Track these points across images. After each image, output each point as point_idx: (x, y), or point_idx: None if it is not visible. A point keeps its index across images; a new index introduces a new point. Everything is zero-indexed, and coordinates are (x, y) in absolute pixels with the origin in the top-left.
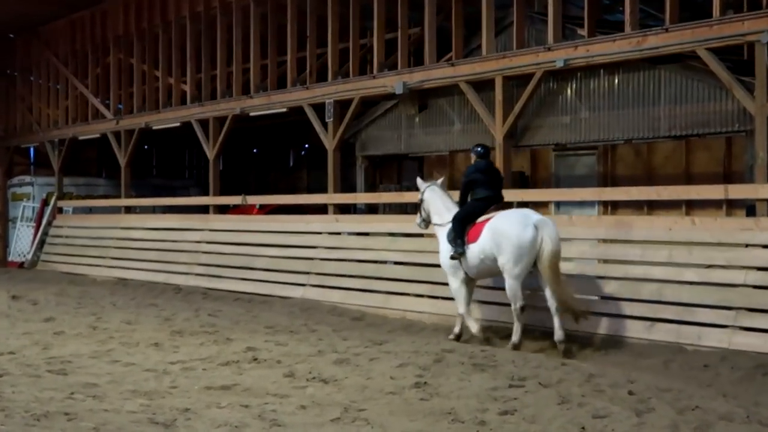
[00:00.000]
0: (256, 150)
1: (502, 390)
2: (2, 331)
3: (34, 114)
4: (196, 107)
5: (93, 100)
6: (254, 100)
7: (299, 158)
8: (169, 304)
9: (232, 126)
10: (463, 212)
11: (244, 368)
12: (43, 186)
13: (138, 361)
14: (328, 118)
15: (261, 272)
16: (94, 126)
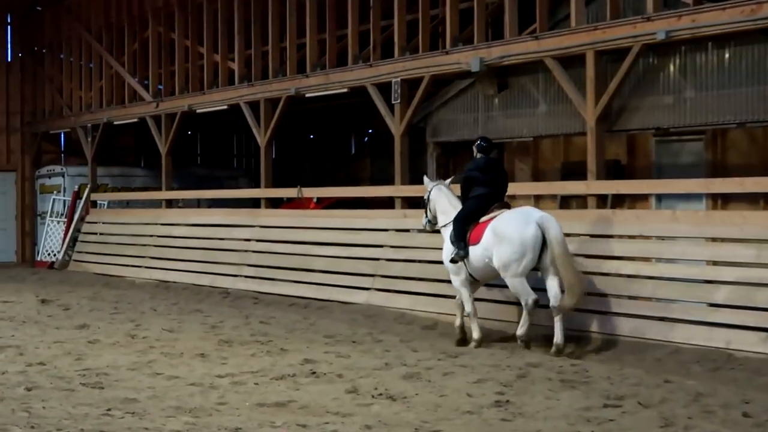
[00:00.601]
0: (313, 136)
1: (596, 410)
2: (31, 339)
3: (64, 96)
4: (245, 88)
5: (130, 80)
6: (310, 79)
7: (362, 145)
8: (215, 310)
9: (285, 109)
10: (463, 212)
11: (300, 383)
12: (75, 177)
13: (182, 373)
14: (394, 100)
15: (319, 274)
16: (131, 109)
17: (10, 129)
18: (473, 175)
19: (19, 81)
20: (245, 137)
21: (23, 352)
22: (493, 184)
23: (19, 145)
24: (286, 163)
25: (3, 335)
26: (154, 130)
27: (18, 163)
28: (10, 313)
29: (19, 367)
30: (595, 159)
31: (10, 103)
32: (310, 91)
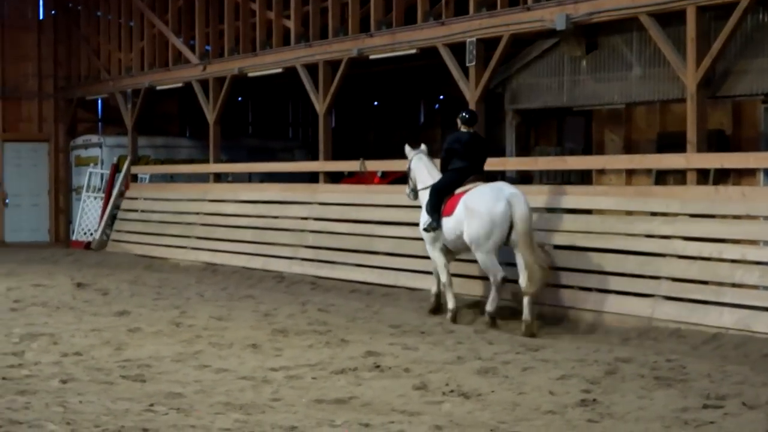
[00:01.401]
0: (377, 103)
1: (694, 411)
2: (66, 327)
3: (101, 58)
4: (302, 48)
5: (174, 40)
6: (375, 39)
7: (432, 113)
8: (268, 296)
9: (347, 72)
10: (441, 183)
11: (363, 377)
12: (114, 148)
13: (231, 366)
14: (469, 62)
15: (383, 257)
16: (176, 73)
17: (42, 95)
18: (454, 147)
19: (52, 42)
20: (302, 104)
21: (58, 341)
22: (473, 158)
23: (53, 113)
24: (347, 133)
25: (35, 322)
26: (200, 95)
27: (51, 132)
28: (43, 298)
29: (54, 357)
30: (696, 129)
31: (42, 66)
32: (375, 52)
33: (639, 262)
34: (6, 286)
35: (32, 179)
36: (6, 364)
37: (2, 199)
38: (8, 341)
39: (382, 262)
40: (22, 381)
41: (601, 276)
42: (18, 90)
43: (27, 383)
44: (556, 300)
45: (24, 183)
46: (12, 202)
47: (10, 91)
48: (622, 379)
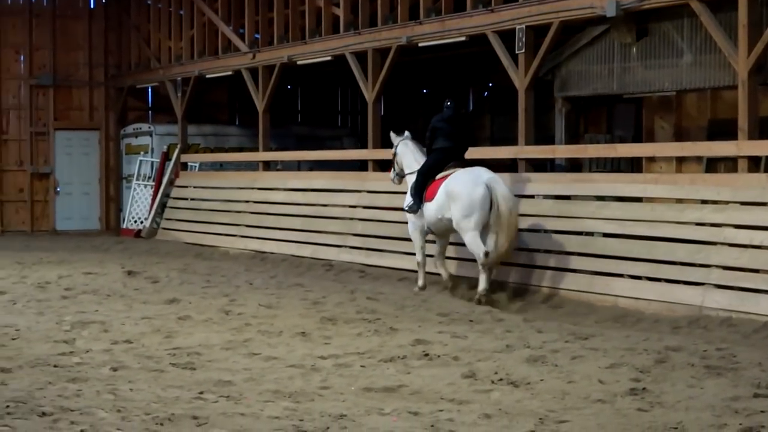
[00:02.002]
0: (426, 90)
1: (745, 401)
2: (117, 315)
3: (152, 47)
4: (351, 36)
5: (224, 28)
6: (424, 26)
7: (480, 100)
8: (317, 284)
9: (396, 59)
10: (426, 165)
11: (412, 366)
12: (164, 136)
13: (281, 354)
14: (518, 49)
15: (433, 245)
16: (225, 61)
17: (93, 83)
18: (438, 125)
19: (102, 30)
20: (351, 92)
21: (108, 329)
22: (456, 139)
23: (103, 101)
24: (396, 120)
25: (86, 310)
26: (250, 84)
27: (102, 121)
28: (94, 286)
29: (104, 345)
30: (747, 116)
31: (92, 54)
32: (424, 40)
33: (689, 250)
34: (57, 274)
35: (83, 167)
36: (57, 352)
37: (53, 187)
38: (59, 329)
39: (431, 250)
40: (74, 369)
41: (651, 264)
42: (69, 79)
43: (78, 371)
44: (606, 288)
45: (75, 171)
46: (63, 190)
47: (62, 80)
48: (672, 367)
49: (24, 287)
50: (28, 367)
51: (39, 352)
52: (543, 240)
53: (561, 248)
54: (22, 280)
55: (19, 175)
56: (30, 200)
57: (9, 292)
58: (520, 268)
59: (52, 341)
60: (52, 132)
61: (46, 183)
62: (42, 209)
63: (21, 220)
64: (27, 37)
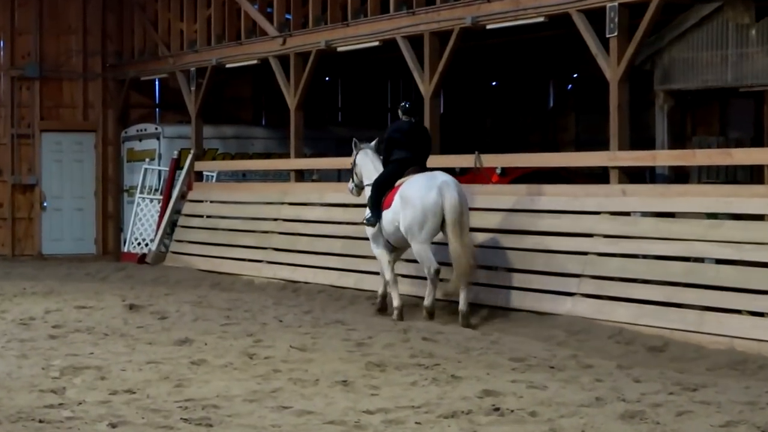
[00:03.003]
0: (496, 82)
1: None
2: (116, 359)
3: (160, 30)
4: (403, 16)
5: (247, 7)
6: (493, 4)
7: (563, 95)
8: (362, 322)
9: (458, 45)
10: (381, 176)
11: (479, 423)
12: (174, 139)
13: (317, 408)
14: (609, 33)
15: (505, 274)
16: (249, 47)
17: (88, 74)
18: (395, 136)
19: (99, 10)
20: (402, 85)
21: (106, 376)
22: (414, 148)
23: (100, 97)
24: (458, 120)
25: (79, 352)
26: (279, 75)
27: (98, 120)
28: (89, 323)
29: (101, 395)
30: None
31: (87, 39)
32: (493, 21)
33: None
34: (44, 308)
35: (75, 177)
36: (44, 404)
37: (39, 201)
38: (46, 375)
39: (503, 280)
40: (63, 424)
41: None
42: (59, 69)
43: (69, 427)
44: (720, 327)
45: (66, 182)
46: (51, 205)
47: (50, 71)
48: None
49: (3, 324)
50: (8, 422)
51: (22, 404)
52: (642, 266)
53: (664, 277)
54: (0, 315)
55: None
56: (11, 218)
57: None
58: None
59: (37, 390)
60: (38, 134)
61: (30, 196)
62: (25, 228)
63: (0, 242)
64: (8, 20)
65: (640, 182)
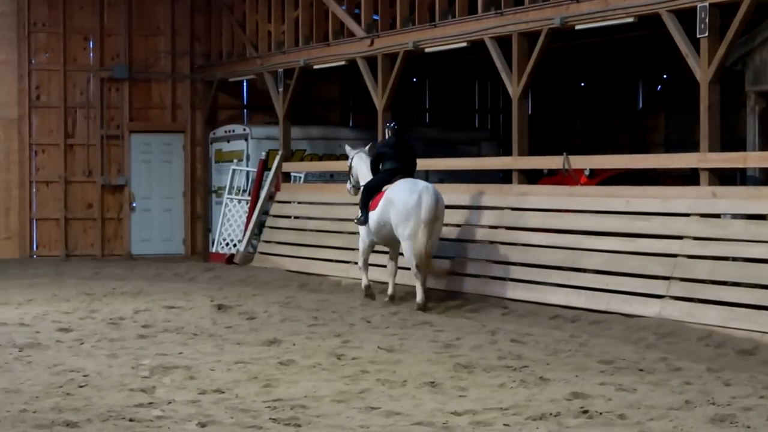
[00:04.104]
0: (585, 83)
1: None
2: (204, 359)
3: (248, 31)
4: (491, 17)
5: (335, 8)
6: (582, 5)
7: (652, 96)
8: (449, 323)
9: (547, 46)
10: (371, 182)
11: (567, 425)
12: (262, 140)
13: (405, 409)
14: (700, 33)
15: (592, 276)
16: (337, 49)
17: (176, 76)
18: (384, 151)
19: (188, 12)
20: (491, 86)
21: (194, 376)
22: (401, 160)
23: (188, 98)
24: (546, 121)
25: (168, 352)
26: (367, 76)
27: (186, 121)
28: (177, 323)
29: (190, 395)
30: None
31: (176, 41)
32: (582, 22)
33: None
34: (133, 308)
35: (164, 178)
36: (133, 403)
37: (128, 202)
38: (136, 375)
39: (591, 282)
40: (153, 423)
41: None
42: (147, 70)
43: (158, 426)
44: None
45: (154, 183)
46: (140, 206)
47: (139, 72)
48: None
49: (93, 324)
50: (98, 420)
51: (112, 403)
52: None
53: (757, 280)
54: (90, 315)
55: (88, 188)
56: (100, 218)
57: (75, 329)
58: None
59: (127, 390)
60: (126, 135)
61: (119, 197)
62: (114, 229)
63: (89, 243)
64: (97, 21)
65: (731, 184)
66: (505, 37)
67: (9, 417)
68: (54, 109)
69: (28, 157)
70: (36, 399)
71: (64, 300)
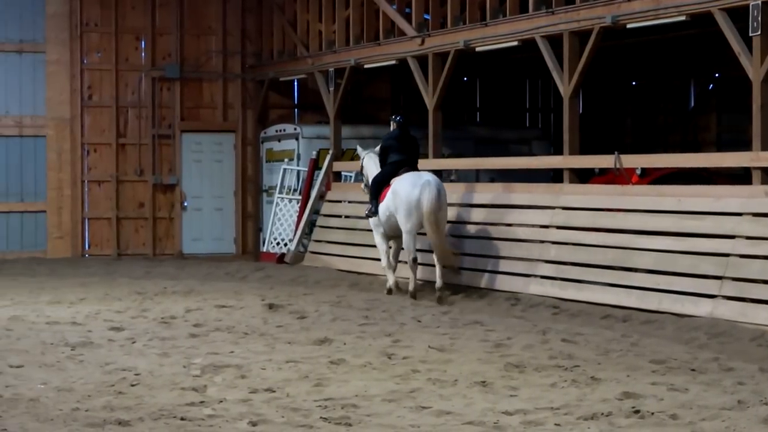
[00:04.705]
0: (636, 82)
1: None
2: (256, 358)
3: (298, 31)
4: (542, 16)
5: (386, 7)
6: (633, 3)
7: (704, 95)
8: (500, 323)
9: (598, 44)
10: (379, 175)
11: (618, 425)
12: (313, 139)
13: (456, 408)
14: (753, 31)
15: (644, 276)
16: (388, 48)
17: (227, 75)
18: (389, 143)
19: (239, 11)
20: (541, 85)
21: (246, 375)
22: (406, 152)
23: (239, 98)
24: (597, 120)
25: (219, 351)
26: (417, 75)
27: (238, 121)
28: (229, 322)
29: (241, 394)
30: None
31: (227, 40)
32: (634, 20)
33: None
34: (185, 307)
35: (215, 177)
36: (185, 402)
37: (180, 201)
38: (187, 373)
39: (642, 282)
40: (204, 422)
41: None
42: (199, 70)
43: (210, 425)
44: None
45: (205, 182)
46: (191, 205)
47: (190, 72)
48: None
49: (145, 323)
50: (150, 419)
51: (163, 402)
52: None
53: None
54: (142, 314)
55: (139, 187)
56: (152, 217)
57: (127, 328)
58: (749, 303)
59: (178, 388)
60: (178, 134)
61: (171, 196)
62: (166, 228)
63: (141, 242)
64: (149, 20)
65: None
66: (556, 36)
67: (61, 415)
68: (106, 109)
69: (80, 156)
70: (88, 398)
71: (116, 299)
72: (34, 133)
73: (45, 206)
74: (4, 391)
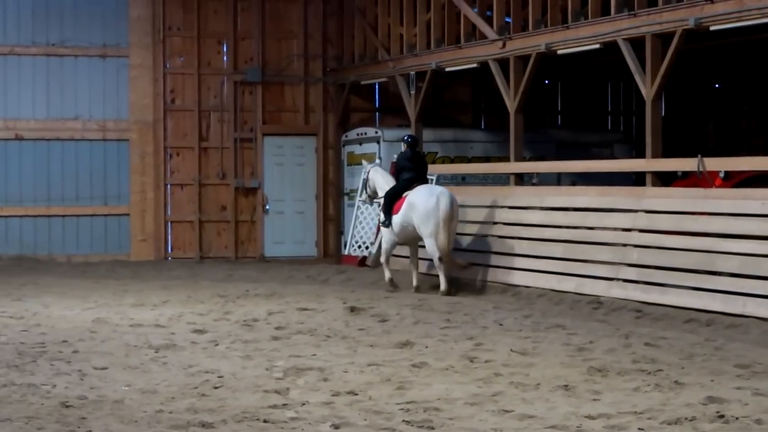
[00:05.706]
0: (719, 84)
1: None
2: (338, 360)
3: (379, 34)
4: (624, 19)
5: (467, 10)
6: (716, 5)
7: None
8: (583, 326)
9: (681, 47)
10: (393, 189)
11: (702, 429)
12: (394, 143)
13: (538, 412)
14: None
15: (728, 279)
16: (469, 51)
17: (308, 79)
18: (403, 163)
19: (320, 15)
20: (623, 88)
21: (328, 377)
22: (417, 170)
23: (321, 101)
24: (680, 123)
25: (301, 354)
26: (499, 78)
27: (319, 124)
28: (311, 325)
29: (323, 396)
30: None
31: (309, 44)
32: (717, 23)
33: None
34: (267, 310)
35: (297, 181)
36: (268, 404)
37: (262, 204)
38: (270, 376)
39: (727, 286)
40: (287, 425)
41: None
42: (280, 74)
43: (292, 428)
44: None
45: (287, 185)
46: (273, 208)
47: (272, 75)
48: None
49: (227, 325)
50: (233, 421)
51: (246, 404)
52: None
53: None
54: (225, 316)
55: (222, 190)
56: (234, 220)
57: (210, 331)
58: None
59: (261, 391)
60: (260, 138)
61: (253, 200)
62: (248, 231)
63: (223, 245)
64: (231, 25)
65: None
66: (639, 39)
67: (145, 417)
68: (188, 113)
69: (162, 160)
70: (171, 400)
71: (199, 302)
72: (118, 137)
73: (128, 209)
74: (89, 392)
